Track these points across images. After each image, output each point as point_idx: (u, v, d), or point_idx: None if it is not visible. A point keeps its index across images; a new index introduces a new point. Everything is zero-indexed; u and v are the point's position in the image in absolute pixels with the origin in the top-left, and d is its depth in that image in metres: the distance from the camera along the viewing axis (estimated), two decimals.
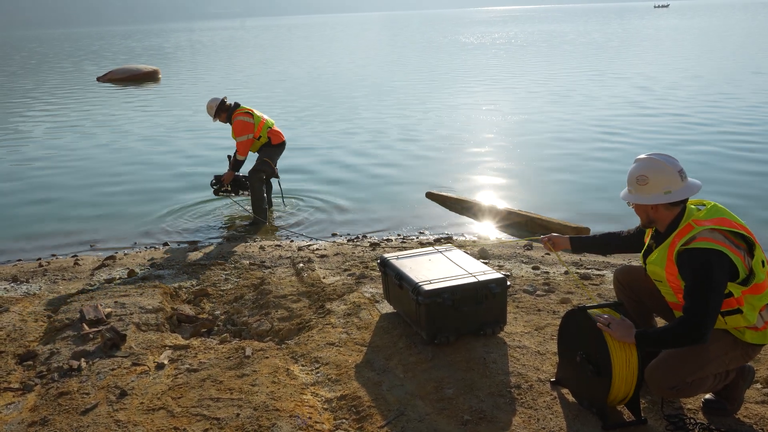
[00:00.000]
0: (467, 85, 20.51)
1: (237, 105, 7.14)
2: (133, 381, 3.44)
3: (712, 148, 10.11)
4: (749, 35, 38.46)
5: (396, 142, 11.71)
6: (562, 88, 18.41)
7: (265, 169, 7.09)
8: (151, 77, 26.93)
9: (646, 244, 3.02)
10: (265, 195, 7.30)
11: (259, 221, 7.17)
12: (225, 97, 7.19)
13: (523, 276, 5.00)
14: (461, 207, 7.65)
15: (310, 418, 3.08)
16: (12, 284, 5.34)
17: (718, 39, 36.36)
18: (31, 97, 21.86)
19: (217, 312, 4.71)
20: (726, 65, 22.63)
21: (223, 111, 7.10)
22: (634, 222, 3.31)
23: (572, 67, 24.29)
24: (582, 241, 3.47)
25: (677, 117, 12.89)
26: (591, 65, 24.77)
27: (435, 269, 3.85)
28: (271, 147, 7.14)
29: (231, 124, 7.10)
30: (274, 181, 7.67)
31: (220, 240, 6.80)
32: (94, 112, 17.45)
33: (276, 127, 7.26)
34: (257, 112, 7.14)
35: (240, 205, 6.98)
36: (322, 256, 5.83)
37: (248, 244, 6.49)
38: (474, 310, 3.62)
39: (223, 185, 7.36)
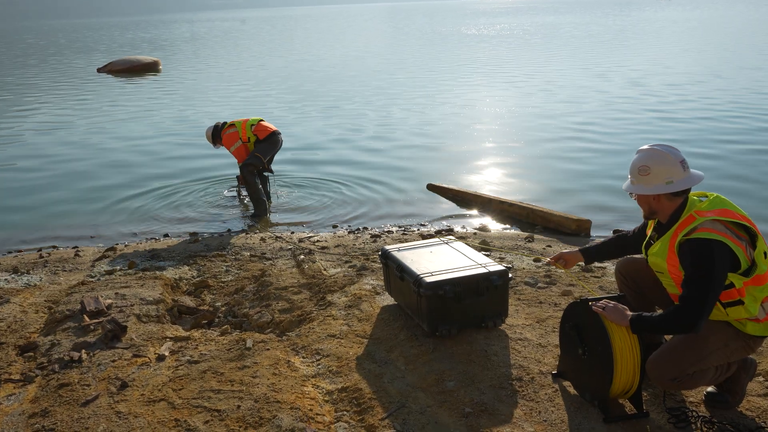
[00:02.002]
0: (468, 77, 20.42)
1: (224, 124, 7.43)
2: (133, 372, 3.44)
3: (714, 142, 10.07)
4: (752, 29, 38.26)
5: (397, 134, 11.66)
6: (563, 81, 18.32)
7: (255, 163, 7.21)
8: (151, 68, 26.80)
9: (648, 236, 3.01)
10: (260, 187, 7.42)
11: (259, 213, 7.27)
12: (218, 122, 7.50)
13: (524, 268, 4.99)
14: (462, 199, 7.63)
15: (311, 410, 3.08)
16: (13, 275, 5.34)
17: (720, 33, 36.18)
18: (30, 88, 21.80)
19: (218, 304, 4.71)
20: (727, 60, 22.51)
21: (218, 135, 7.42)
22: (635, 213, 3.30)
23: (573, 61, 24.19)
24: (594, 251, 3.39)
25: (678, 112, 12.83)
26: (592, 59, 24.66)
27: (436, 261, 3.84)
28: (261, 142, 7.29)
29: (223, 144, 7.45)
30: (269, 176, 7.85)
31: (220, 231, 6.81)
32: (95, 103, 17.39)
33: (265, 122, 7.39)
34: (237, 120, 7.40)
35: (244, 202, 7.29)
36: (323, 247, 5.82)
37: (249, 235, 6.49)
38: (475, 303, 3.62)
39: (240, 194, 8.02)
